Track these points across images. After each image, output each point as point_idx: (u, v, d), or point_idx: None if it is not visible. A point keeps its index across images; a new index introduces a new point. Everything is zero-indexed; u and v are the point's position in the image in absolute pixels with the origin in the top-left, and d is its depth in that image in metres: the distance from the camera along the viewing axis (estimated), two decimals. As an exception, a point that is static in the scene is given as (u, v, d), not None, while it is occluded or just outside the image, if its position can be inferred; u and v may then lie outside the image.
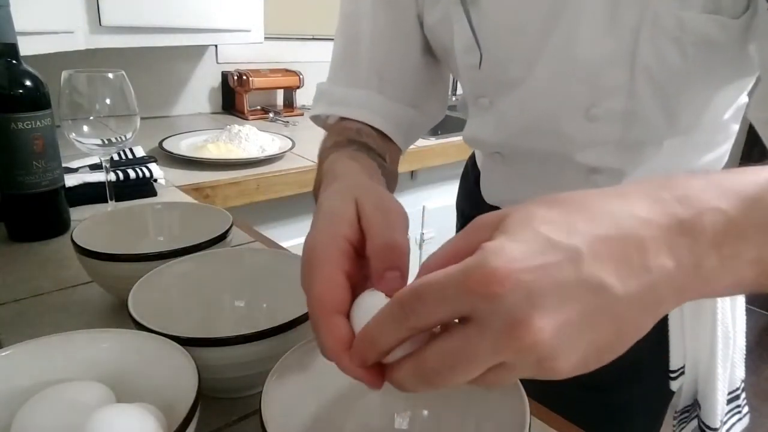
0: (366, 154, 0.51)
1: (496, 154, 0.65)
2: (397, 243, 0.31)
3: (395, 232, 0.32)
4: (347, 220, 0.33)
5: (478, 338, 0.23)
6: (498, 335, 0.23)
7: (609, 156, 0.54)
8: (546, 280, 0.22)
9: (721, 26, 0.43)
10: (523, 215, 0.25)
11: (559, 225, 0.24)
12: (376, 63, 0.60)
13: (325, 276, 0.30)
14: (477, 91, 0.59)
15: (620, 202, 0.25)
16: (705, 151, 0.59)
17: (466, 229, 0.27)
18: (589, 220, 0.24)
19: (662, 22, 0.44)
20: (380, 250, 0.31)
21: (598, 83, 0.50)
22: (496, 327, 0.23)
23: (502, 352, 0.23)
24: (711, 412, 0.62)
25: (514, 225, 0.24)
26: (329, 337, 0.29)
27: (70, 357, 0.38)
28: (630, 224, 0.24)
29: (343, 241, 0.32)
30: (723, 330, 0.61)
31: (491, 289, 0.22)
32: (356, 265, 0.32)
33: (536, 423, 0.45)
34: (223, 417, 0.44)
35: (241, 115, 1.67)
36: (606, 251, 0.23)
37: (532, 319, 0.22)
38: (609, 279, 0.23)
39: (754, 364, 2.10)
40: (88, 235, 0.56)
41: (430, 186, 1.58)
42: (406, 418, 0.41)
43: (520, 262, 0.22)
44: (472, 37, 0.53)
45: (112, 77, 0.69)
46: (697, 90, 0.50)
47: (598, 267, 0.23)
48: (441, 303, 0.24)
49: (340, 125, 0.59)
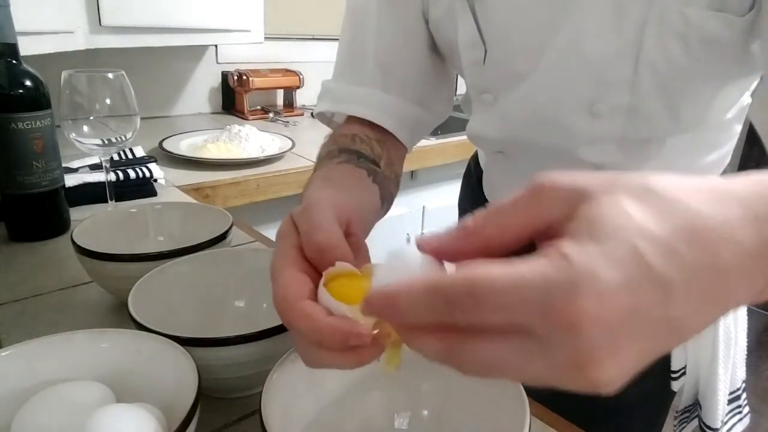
0: (355, 163, 0.51)
1: (498, 154, 0.65)
2: (316, 243, 0.33)
3: (315, 234, 0.34)
4: (291, 236, 0.35)
5: (537, 359, 0.21)
6: (562, 365, 0.20)
7: (612, 153, 0.54)
8: (634, 322, 0.20)
9: (726, 23, 0.43)
10: (618, 215, 0.21)
11: (659, 244, 0.20)
12: (381, 60, 0.60)
13: (284, 277, 0.32)
14: (481, 87, 0.59)
15: (720, 213, 0.22)
16: (709, 150, 0.59)
17: (535, 192, 0.24)
18: (689, 243, 0.21)
19: (668, 18, 0.44)
20: (311, 254, 0.33)
21: (602, 78, 0.49)
22: (562, 357, 0.20)
23: (558, 381, 0.21)
24: (712, 412, 0.62)
25: (606, 229, 0.21)
26: (302, 319, 0.30)
27: (70, 357, 0.38)
28: (726, 254, 0.21)
29: (293, 250, 0.34)
30: (725, 331, 0.61)
31: (575, 325, 0.19)
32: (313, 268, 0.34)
33: (536, 423, 0.45)
34: (223, 417, 0.44)
35: (241, 115, 1.67)
36: (697, 288, 0.21)
37: (606, 359, 0.20)
38: (690, 321, 0.21)
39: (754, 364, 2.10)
40: (88, 235, 0.56)
41: (430, 186, 1.58)
42: (406, 418, 0.41)
43: (614, 300, 0.19)
44: (477, 33, 0.53)
45: (112, 77, 0.69)
46: (701, 88, 0.50)
47: (685, 307, 0.21)
48: (501, 312, 0.21)
49: (338, 132, 0.59)
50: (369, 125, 0.58)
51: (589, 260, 0.20)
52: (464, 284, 0.21)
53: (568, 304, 0.19)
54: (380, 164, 0.54)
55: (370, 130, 0.58)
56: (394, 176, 0.57)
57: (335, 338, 0.28)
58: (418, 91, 0.62)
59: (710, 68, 0.47)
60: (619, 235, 0.20)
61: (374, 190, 0.50)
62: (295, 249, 0.34)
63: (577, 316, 0.19)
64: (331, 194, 0.39)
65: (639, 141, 0.53)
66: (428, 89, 0.63)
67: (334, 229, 0.35)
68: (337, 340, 0.28)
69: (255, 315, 0.53)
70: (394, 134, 0.59)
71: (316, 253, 0.33)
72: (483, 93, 0.59)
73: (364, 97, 0.59)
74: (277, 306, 0.31)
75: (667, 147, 0.54)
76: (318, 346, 0.30)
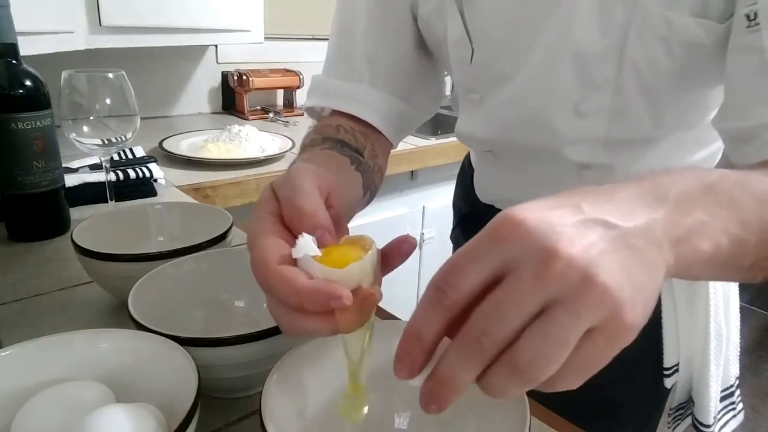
0: (338, 150, 0.52)
1: (488, 153, 0.65)
2: (298, 207, 0.33)
3: (296, 198, 0.34)
4: (269, 203, 0.35)
5: (518, 281, 0.24)
6: (535, 269, 0.24)
7: (597, 152, 0.55)
8: (562, 219, 0.25)
9: (707, 29, 0.45)
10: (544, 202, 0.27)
11: (563, 197, 0.27)
12: (368, 56, 0.61)
13: (263, 242, 0.32)
14: (468, 87, 0.60)
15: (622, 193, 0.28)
16: (697, 148, 0.60)
17: None
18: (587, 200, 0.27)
19: (651, 21, 0.46)
20: (290, 217, 0.34)
21: (587, 78, 0.50)
22: (531, 265, 0.24)
23: (546, 285, 0.24)
24: (704, 408, 0.63)
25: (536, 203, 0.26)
26: (281, 282, 0.30)
27: (70, 357, 0.38)
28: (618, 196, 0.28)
29: (271, 217, 0.34)
30: (716, 327, 0.62)
31: (517, 232, 0.24)
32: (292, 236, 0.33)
33: (536, 423, 0.45)
34: (223, 417, 0.44)
35: (241, 115, 1.67)
36: (601, 206, 0.27)
37: (559, 243, 0.24)
38: (611, 218, 0.26)
39: (754, 364, 2.10)
40: (88, 235, 0.56)
41: (430, 186, 1.58)
42: (406, 418, 0.41)
43: (536, 210, 0.25)
44: (464, 32, 0.54)
45: (112, 77, 0.69)
46: (682, 90, 0.51)
47: (600, 211, 0.26)
48: (473, 263, 0.25)
49: (323, 122, 0.59)
50: (354, 118, 0.59)
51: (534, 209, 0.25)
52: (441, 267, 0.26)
53: (505, 220, 0.25)
54: (363, 154, 0.54)
55: (355, 123, 0.58)
56: (377, 168, 0.57)
57: (316, 300, 0.29)
58: (405, 87, 0.62)
59: (691, 71, 0.49)
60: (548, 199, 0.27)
61: (357, 177, 0.51)
62: (273, 216, 0.34)
63: (514, 222, 0.24)
64: (313, 166, 0.39)
65: (622, 141, 0.54)
66: (415, 85, 0.63)
67: (315, 196, 0.35)
68: (317, 302, 0.29)
69: (255, 315, 0.53)
70: (379, 129, 0.59)
71: (297, 218, 0.33)
72: (470, 93, 0.60)
73: (351, 92, 0.60)
74: (255, 270, 0.31)
75: (654, 146, 0.55)
76: (297, 311, 0.30)
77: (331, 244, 0.33)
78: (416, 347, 0.26)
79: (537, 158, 0.59)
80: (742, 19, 0.42)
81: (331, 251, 0.32)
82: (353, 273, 0.31)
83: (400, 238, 0.34)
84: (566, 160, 0.56)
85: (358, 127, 0.58)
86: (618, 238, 0.25)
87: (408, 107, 0.63)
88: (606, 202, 0.27)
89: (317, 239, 0.32)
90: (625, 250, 0.25)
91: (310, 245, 0.32)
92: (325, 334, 0.30)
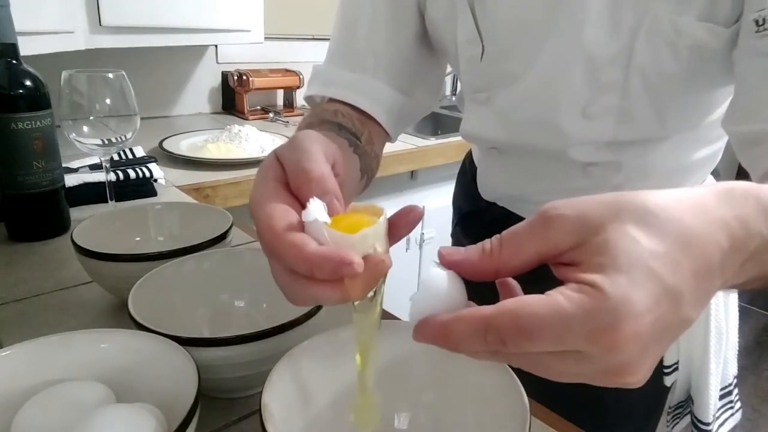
0: (336, 133, 0.51)
1: (493, 150, 0.65)
2: (306, 171, 0.32)
3: (305, 162, 0.32)
4: (272, 169, 0.34)
5: (580, 366, 0.24)
6: (601, 373, 0.24)
7: (602, 152, 0.56)
8: (660, 331, 0.24)
9: (714, 34, 0.45)
10: (629, 243, 0.24)
11: (666, 261, 0.24)
12: (373, 48, 0.60)
13: (269, 208, 0.31)
14: (476, 86, 0.60)
15: (703, 221, 0.26)
16: (701, 146, 0.60)
17: (540, 223, 0.26)
18: (687, 254, 0.25)
19: (660, 25, 0.46)
20: (298, 182, 0.32)
21: (596, 80, 0.51)
22: (603, 367, 0.24)
23: (594, 382, 0.25)
24: (704, 406, 0.64)
25: (624, 259, 0.24)
26: (290, 249, 0.28)
27: (70, 357, 0.38)
28: (712, 255, 0.26)
29: (276, 183, 0.33)
30: (716, 326, 0.63)
31: (617, 346, 0.23)
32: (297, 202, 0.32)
33: (536, 423, 0.45)
34: (223, 417, 0.44)
35: (241, 115, 1.67)
36: (697, 290, 0.25)
37: (639, 367, 0.24)
38: (694, 314, 0.25)
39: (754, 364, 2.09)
40: (88, 235, 0.56)
41: (430, 186, 1.58)
42: (406, 418, 0.41)
43: (645, 318, 0.23)
44: (475, 30, 0.54)
45: (112, 77, 0.69)
46: (687, 91, 0.51)
47: (692, 307, 0.25)
48: (549, 343, 0.24)
49: (320, 107, 0.58)
50: (353, 106, 0.58)
51: (620, 289, 0.23)
52: (512, 322, 0.24)
53: (612, 331, 0.23)
54: (361, 139, 0.53)
55: (353, 110, 0.57)
56: (374, 154, 0.56)
57: (326, 268, 0.27)
58: (407, 81, 0.62)
59: (697, 74, 0.49)
60: (636, 261, 0.24)
61: (355, 159, 0.50)
62: (278, 182, 0.33)
63: (619, 339, 0.23)
64: (318, 134, 0.37)
65: (628, 142, 0.55)
66: (417, 79, 0.63)
67: (323, 161, 0.33)
68: (328, 269, 0.27)
69: (255, 315, 0.53)
70: (379, 121, 0.59)
71: (305, 183, 0.32)
72: (477, 92, 0.60)
73: (354, 82, 0.59)
74: (263, 236, 0.30)
75: (658, 145, 0.56)
76: (304, 279, 0.29)
77: (340, 212, 0.31)
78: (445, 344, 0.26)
79: (542, 156, 0.59)
80: (751, 24, 0.43)
81: (341, 219, 0.31)
82: (365, 239, 0.29)
83: (407, 208, 0.33)
84: (572, 158, 0.56)
85: (356, 114, 0.57)
86: (682, 324, 0.25)
87: (409, 101, 0.62)
88: (705, 278, 0.26)
89: (326, 206, 0.31)
90: (678, 332, 0.25)
91: (321, 210, 0.30)
92: (333, 302, 0.29)
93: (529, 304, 0.24)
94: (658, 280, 0.24)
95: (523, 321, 0.24)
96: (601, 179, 0.57)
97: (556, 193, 0.66)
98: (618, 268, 0.24)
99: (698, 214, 0.26)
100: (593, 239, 0.25)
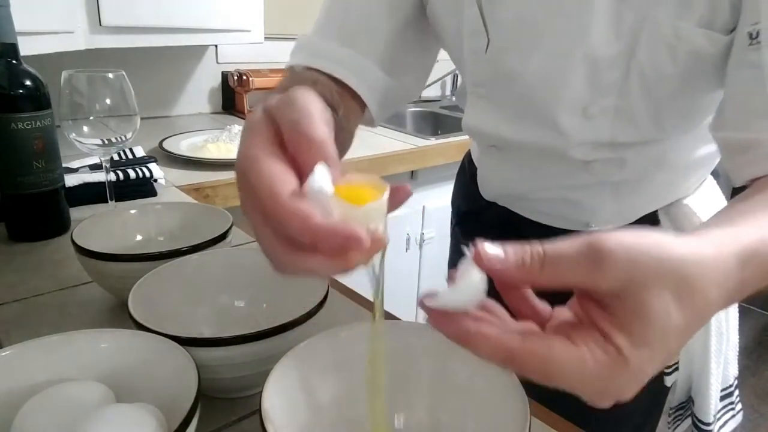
0: None
1: (492, 148, 0.65)
2: (308, 133, 0.29)
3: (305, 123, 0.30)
4: (265, 126, 0.31)
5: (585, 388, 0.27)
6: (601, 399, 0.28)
7: (602, 151, 0.56)
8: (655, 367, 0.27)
9: (712, 40, 0.46)
10: (662, 320, 0.26)
11: (683, 334, 0.27)
12: (365, 25, 0.59)
13: (267, 167, 0.28)
14: (478, 80, 0.59)
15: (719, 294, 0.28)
16: (700, 144, 0.61)
17: (589, 257, 0.27)
18: (698, 323, 0.28)
19: (661, 30, 0.47)
20: (296, 144, 0.29)
21: (596, 81, 0.51)
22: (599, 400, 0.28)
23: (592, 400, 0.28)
24: (705, 407, 0.64)
25: (653, 335, 0.26)
26: (295, 218, 0.26)
27: (70, 357, 0.38)
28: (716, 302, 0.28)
29: (269, 143, 0.30)
30: (716, 326, 0.63)
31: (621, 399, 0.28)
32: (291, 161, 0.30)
33: (536, 423, 0.45)
34: (223, 417, 0.44)
35: (241, 115, 1.67)
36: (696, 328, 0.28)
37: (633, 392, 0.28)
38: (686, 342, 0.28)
39: (754, 364, 2.09)
40: (88, 235, 0.56)
41: (430, 186, 1.58)
42: (405, 419, 0.41)
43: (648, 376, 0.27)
44: (480, 21, 0.54)
45: (112, 77, 0.69)
46: (684, 94, 0.52)
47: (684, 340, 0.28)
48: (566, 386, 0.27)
49: (299, 74, 0.56)
50: (332, 77, 0.55)
51: (641, 363, 0.26)
52: (539, 366, 0.26)
53: (619, 393, 0.27)
54: (338, 112, 0.51)
55: (332, 82, 0.55)
56: (349, 131, 0.54)
57: (333, 241, 0.26)
58: (395, 63, 0.60)
59: (693, 78, 0.50)
60: (661, 337, 0.26)
61: None
62: (271, 143, 0.30)
63: (624, 396, 0.27)
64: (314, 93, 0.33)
65: (625, 143, 0.55)
66: (405, 63, 0.62)
67: (323, 123, 0.30)
68: (334, 243, 0.26)
69: (255, 315, 0.53)
70: (366, 103, 0.57)
71: (304, 146, 0.29)
72: (480, 85, 0.59)
73: (343, 57, 0.57)
74: (263, 200, 0.28)
75: (657, 145, 0.56)
76: (302, 249, 0.27)
77: (339, 181, 0.29)
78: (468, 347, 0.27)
79: (542, 153, 0.60)
80: (744, 36, 0.44)
81: (343, 189, 0.29)
82: (369, 214, 0.28)
83: (396, 186, 0.31)
84: (571, 158, 0.57)
85: (336, 87, 0.55)
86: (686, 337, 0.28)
87: (395, 86, 0.61)
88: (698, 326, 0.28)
89: None
90: None
91: (327, 179, 0.28)
92: (325, 274, 0.28)
93: (559, 355, 0.26)
94: (670, 352, 0.27)
95: (549, 368, 0.26)
96: (604, 175, 0.58)
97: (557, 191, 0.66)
98: (646, 342, 0.26)
99: (721, 284, 0.28)
100: (634, 297, 0.26)
